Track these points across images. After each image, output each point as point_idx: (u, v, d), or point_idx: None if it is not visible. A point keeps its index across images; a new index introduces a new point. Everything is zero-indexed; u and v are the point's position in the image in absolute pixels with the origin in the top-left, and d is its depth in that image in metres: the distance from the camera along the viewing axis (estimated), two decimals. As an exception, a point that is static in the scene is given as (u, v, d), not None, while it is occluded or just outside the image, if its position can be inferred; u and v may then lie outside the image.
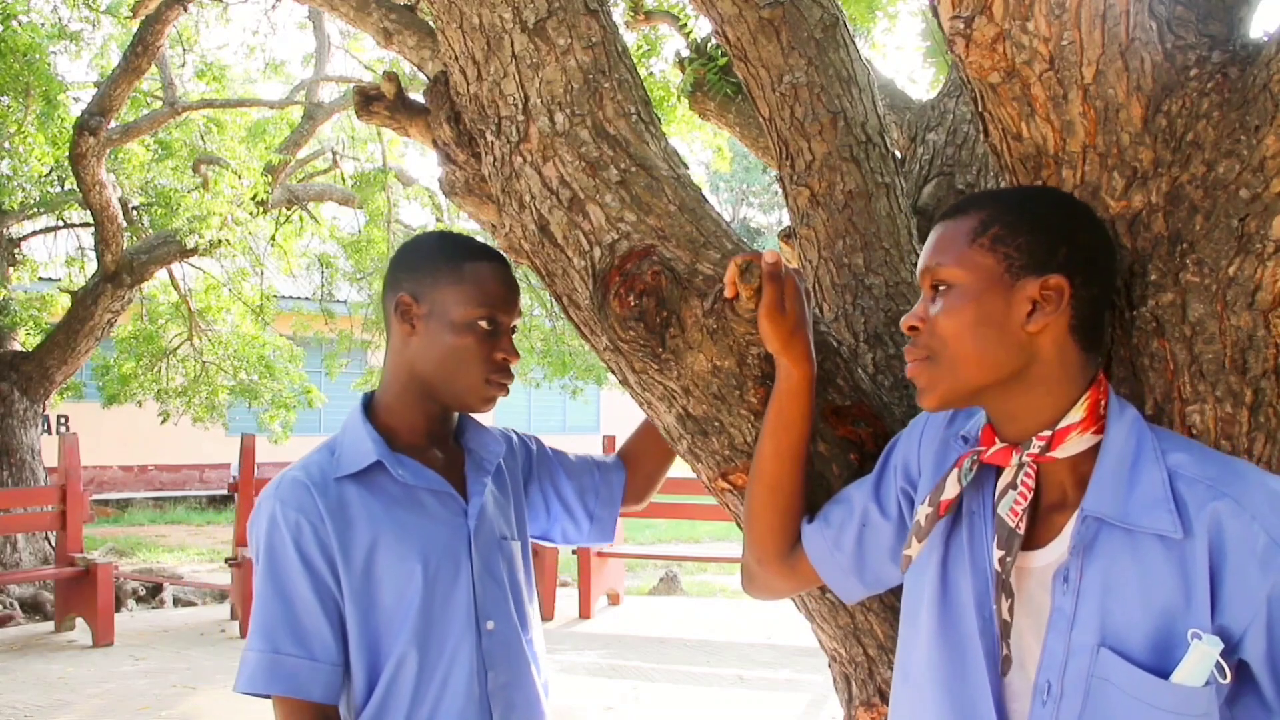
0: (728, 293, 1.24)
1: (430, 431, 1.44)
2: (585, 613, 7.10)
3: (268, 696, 1.31)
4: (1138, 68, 1.11)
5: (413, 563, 1.34)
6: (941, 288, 1.07)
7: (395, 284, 1.43)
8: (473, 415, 1.51)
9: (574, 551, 7.42)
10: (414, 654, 1.34)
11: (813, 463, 1.32)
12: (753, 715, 5.00)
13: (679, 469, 1.69)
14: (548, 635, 6.55)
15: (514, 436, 1.61)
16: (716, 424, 1.36)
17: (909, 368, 1.10)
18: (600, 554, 7.24)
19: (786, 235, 2.35)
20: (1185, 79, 1.12)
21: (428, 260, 1.42)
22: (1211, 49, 1.13)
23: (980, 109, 1.22)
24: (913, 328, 1.09)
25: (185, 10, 6.98)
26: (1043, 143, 1.17)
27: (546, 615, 7.04)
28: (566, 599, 7.37)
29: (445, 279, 1.40)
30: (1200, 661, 0.94)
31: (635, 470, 1.67)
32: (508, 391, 1.43)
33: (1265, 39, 1.12)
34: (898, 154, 1.86)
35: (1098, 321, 1.07)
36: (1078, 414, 1.03)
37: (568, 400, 11.77)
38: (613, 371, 1.45)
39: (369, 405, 1.45)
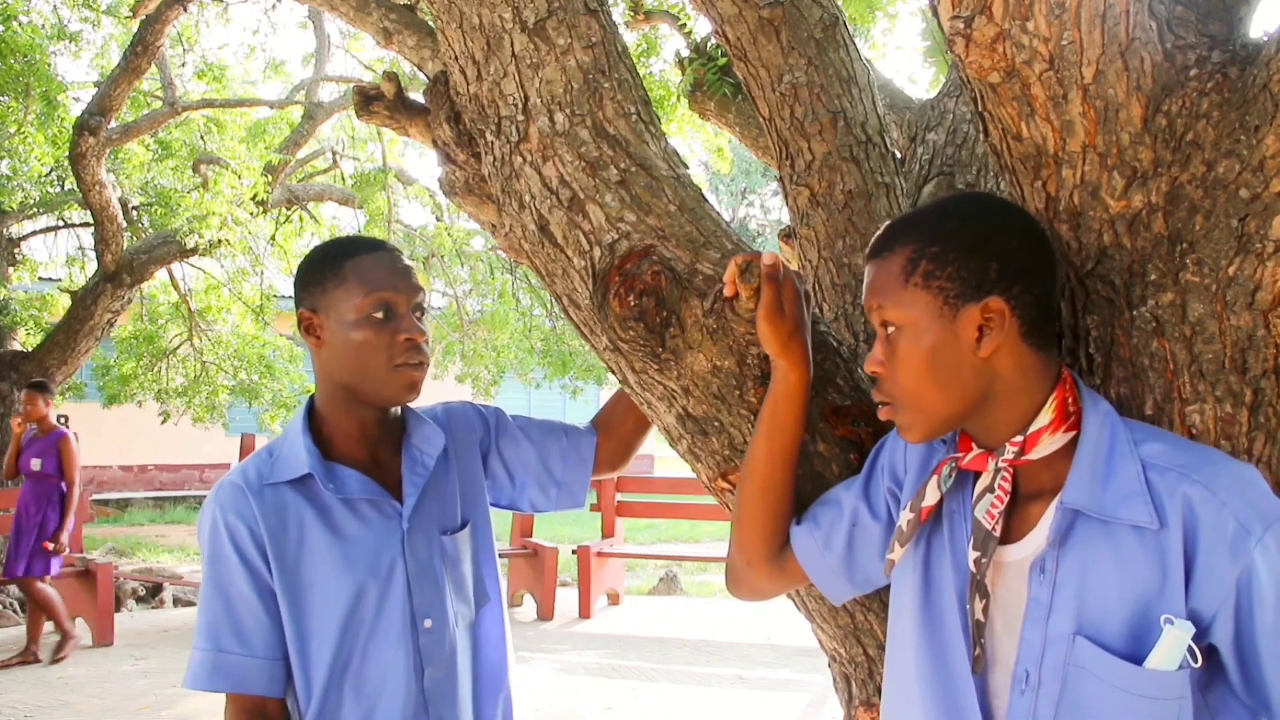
0: (727, 292, 1.24)
1: (365, 436, 1.45)
2: (585, 613, 7.10)
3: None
4: (1138, 68, 1.11)
5: (343, 573, 1.37)
6: (890, 330, 1.09)
7: (297, 304, 1.46)
8: (412, 408, 1.52)
9: (574, 551, 7.41)
10: (350, 655, 1.37)
11: (812, 463, 1.33)
12: (753, 715, 5.00)
13: (679, 469, 1.69)
14: (547, 635, 6.58)
15: (471, 411, 1.62)
16: (716, 424, 1.36)
17: (880, 410, 1.12)
18: (600, 554, 7.25)
19: (786, 235, 2.35)
20: (1185, 79, 1.12)
21: (314, 271, 1.44)
22: (1211, 49, 1.13)
23: (980, 109, 1.22)
24: (875, 372, 1.11)
25: (185, 10, 6.98)
26: (1043, 143, 1.17)
27: (546, 615, 7.04)
28: (566, 599, 7.37)
29: (331, 283, 1.41)
30: (1173, 646, 0.96)
31: (610, 435, 1.66)
32: (424, 371, 1.43)
33: (1265, 39, 1.12)
34: (898, 154, 1.86)
35: (1048, 317, 1.08)
36: (1046, 416, 1.05)
37: (568, 400, 11.78)
38: (613, 371, 1.45)
39: (311, 410, 1.47)
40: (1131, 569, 0.99)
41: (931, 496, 1.11)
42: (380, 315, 1.39)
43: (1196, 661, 0.96)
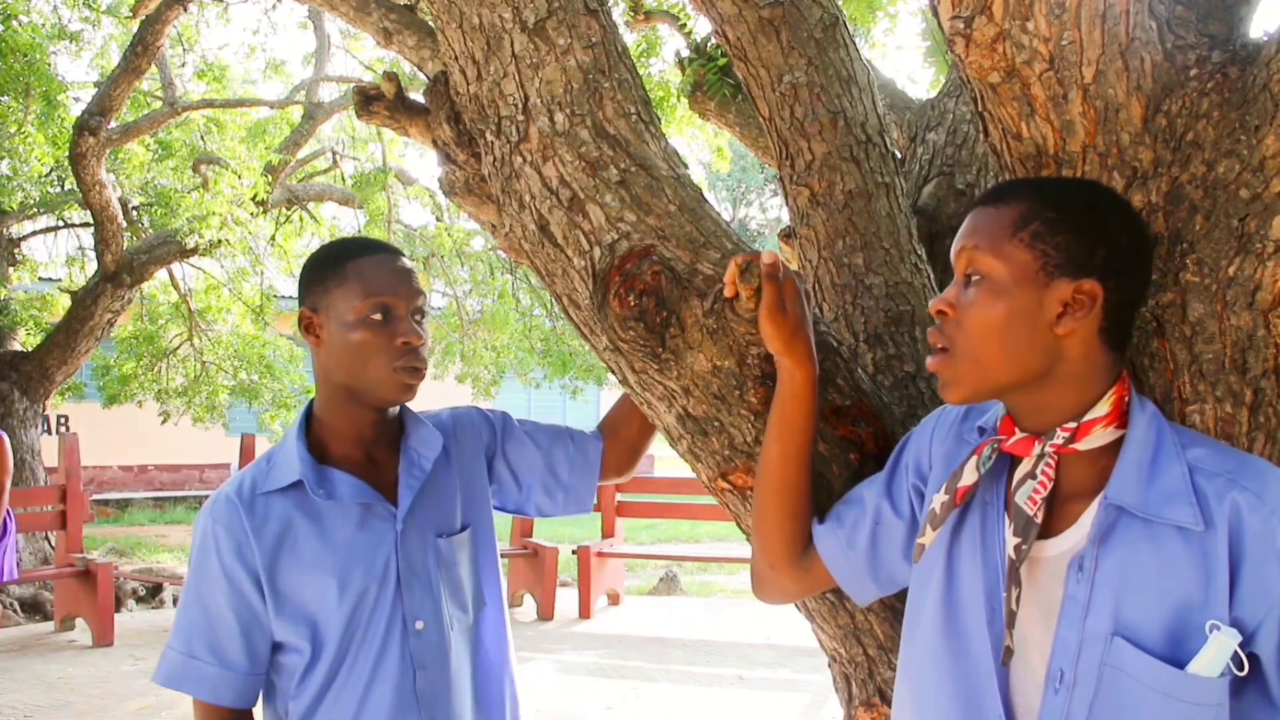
0: (727, 292, 1.24)
1: (362, 438, 1.46)
2: (585, 613, 7.10)
3: None
4: (1138, 68, 1.11)
5: (331, 577, 1.38)
6: (975, 277, 1.06)
7: (300, 303, 1.47)
8: (412, 410, 1.53)
9: (574, 551, 7.41)
10: (343, 656, 1.39)
11: (813, 463, 1.32)
12: (753, 715, 5.00)
13: (679, 469, 1.69)
14: (547, 635, 6.58)
15: (477, 416, 1.62)
16: (716, 424, 1.36)
17: (930, 361, 1.09)
18: (600, 554, 7.24)
19: (786, 235, 2.35)
20: (1185, 79, 1.12)
21: (317, 271, 1.45)
22: (1211, 49, 1.13)
23: (980, 109, 1.22)
24: (941, 312, 1.08)
25: (185, 10, 6.98)
26: (1043, 143, 1.17)
27: (546, 615, 7.04)
28: (566, 599, 7.37)
29: (332, 284, 1.42)
30: (1218, 653, 0.94)
31: (615, 439, 1.66)
32: (420, 375, 1.43)
33: (1265, 39, 1.12)
34: (898, 154, 1.86)
35: (1127, 324, 1.06)
36: (1103, 408, 1.03)
37: (568, 400, 11.77)
38: (613, 371, 1.45)
39: (310, 414, 1.48)
40: (1174, 571, 0.98)
41: (969, 477, 1.09)
42: (378, 317, 1.40)
43: (1242, 670, 0.95)
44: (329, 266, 1.44)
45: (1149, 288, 1.10)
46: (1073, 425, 1.04)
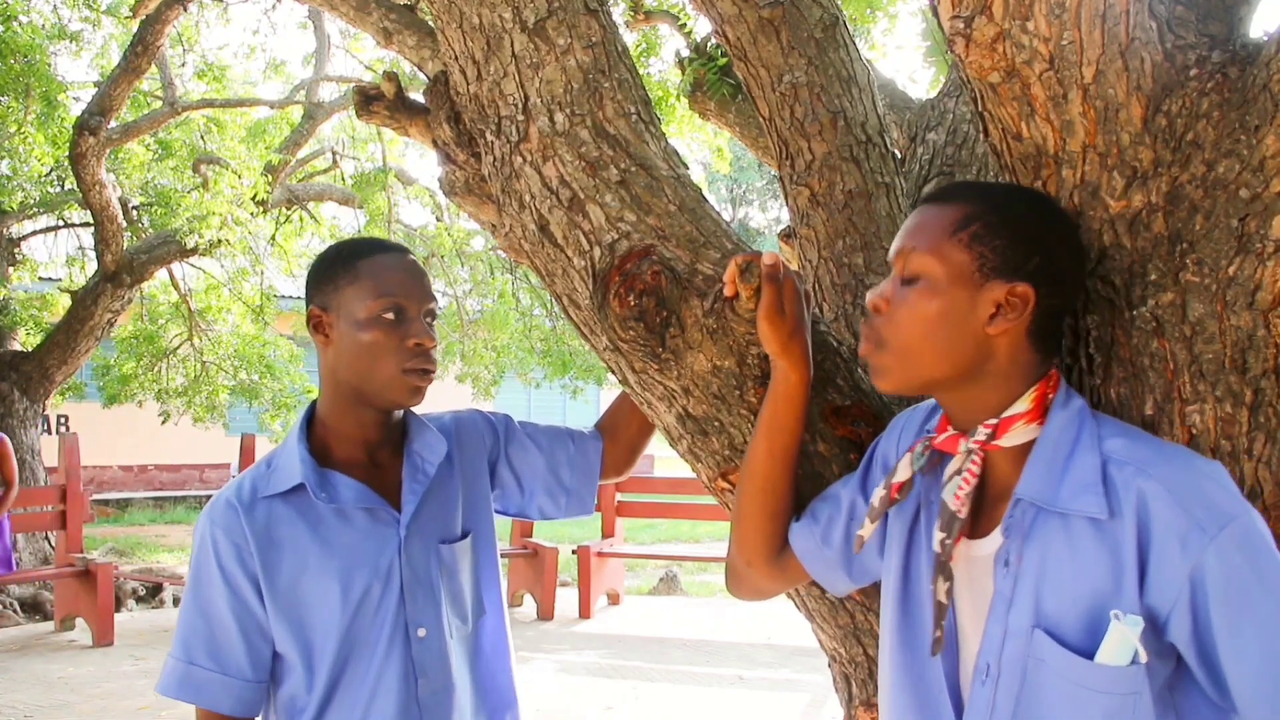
0: (727, 292, 1.24)
1: (366, 440, 1.44)
2: (585, 613, 7.10)
3: None
4: (1138, 68, 1.11)
5: (334, 582, 1.37)
6: (911, 276, 1.08)
7: (308, 301, 1.45)
8: (416, 413, 1.51)
9: (574, 551, 7.41)
10: (344, 664, 1.37)
11: (812, 463, 1.33)
12: (753, 715, 5.00)
13: (679, 469, 1.69)
14: (547, 635, 6.58)
15: (480, 420, 1.60)
16: (716, 424, 1.36)
17: (861, 346, 1.12)
18: (600, 554, 7.24)
19: (786, 235, 2.35)
20: (1185, 79, 1.12)
21: (328, 269, 1.43)
22: (1211, 49, 1.13)
23: (980, 109, 1.22)
24: (876, 307, 1.10)
25: (185, 10, 6.98)
26: (1043, 143, 1.17)
27: (546, 615, 7.04)
28: (566, 599, 7.37)
29: (344, 282, 1.41)
30: (1120, 641, 0.96)
31: (614, 440, 1.65)
32: (430, 378, 1.42)
33: (1265, 39, 1.12)
34: (898, 154, 1.86)
35: (1055, 329, 1.09)
36: (1024, 405, 1.06)
37: (568, 400, 11.77)
38: (613, 371, 1.45)
39: (312, 416, 1.47)
40: (1086, 563, 0.99)
41: (903, 473, 1.12)
42: (391, 317, 1.38)
43: (1144, 658, 0.96)
44: (341, 264, 1.42)
45: (1079, 299, 1.13)
46: (994, 422, 1.06)
